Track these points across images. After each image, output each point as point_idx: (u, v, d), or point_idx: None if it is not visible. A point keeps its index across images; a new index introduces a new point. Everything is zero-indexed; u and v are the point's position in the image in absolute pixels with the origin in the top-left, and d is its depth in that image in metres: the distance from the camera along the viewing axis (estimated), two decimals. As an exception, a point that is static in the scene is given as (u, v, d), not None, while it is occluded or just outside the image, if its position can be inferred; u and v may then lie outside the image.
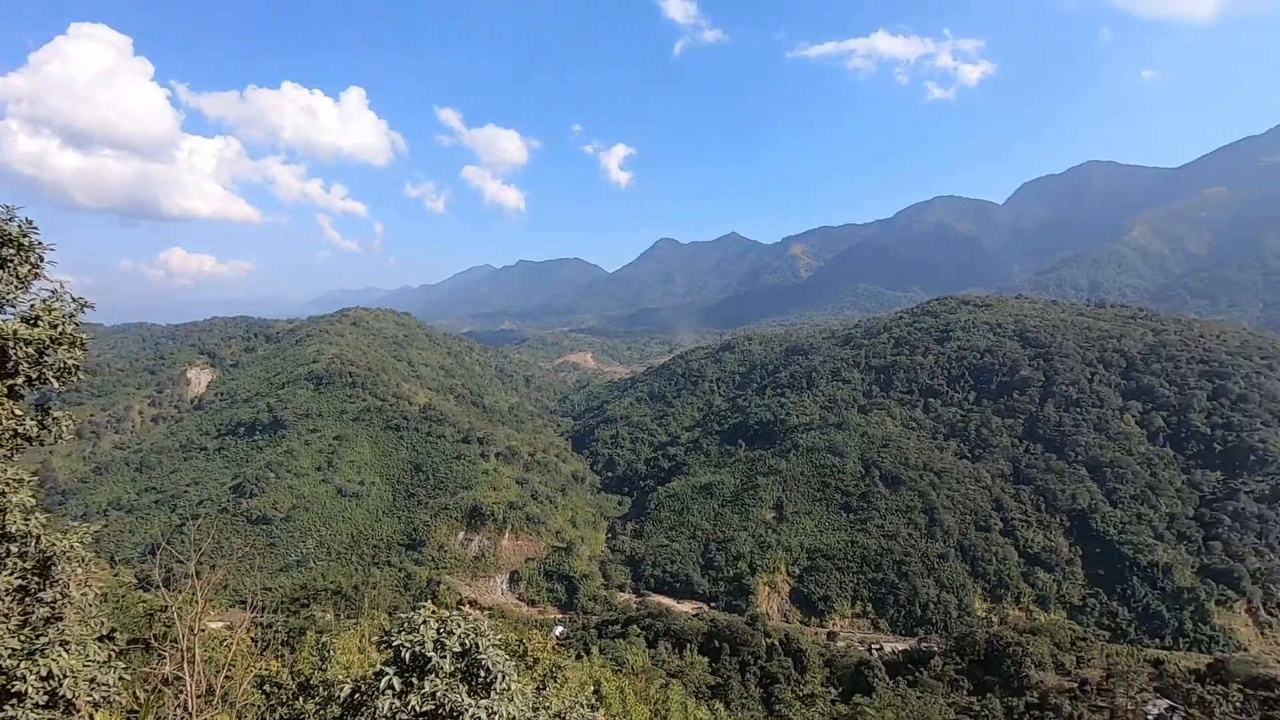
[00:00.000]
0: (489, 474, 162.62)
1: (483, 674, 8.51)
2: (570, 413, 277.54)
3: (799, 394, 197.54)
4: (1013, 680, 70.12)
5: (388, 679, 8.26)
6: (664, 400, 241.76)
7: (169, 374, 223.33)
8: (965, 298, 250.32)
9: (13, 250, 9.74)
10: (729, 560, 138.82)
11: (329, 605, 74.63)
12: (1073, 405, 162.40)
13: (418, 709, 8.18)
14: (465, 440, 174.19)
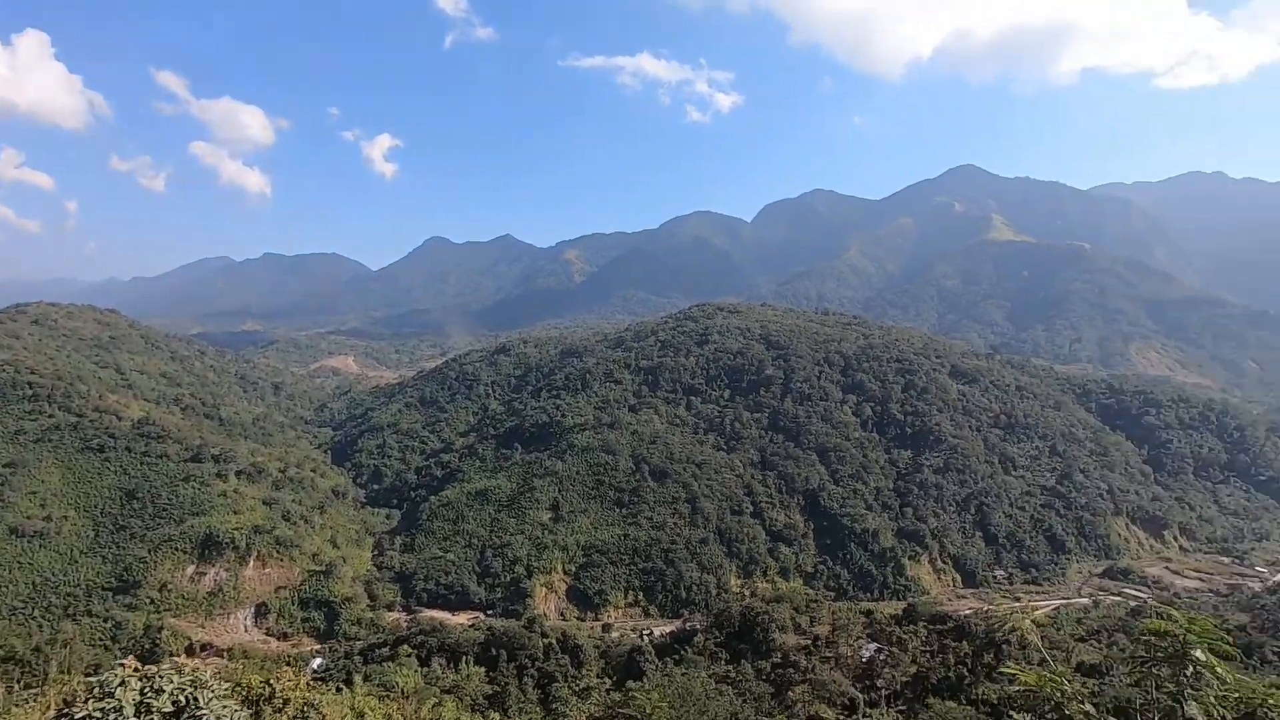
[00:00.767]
0: (228, 496, 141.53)
1: (206, 731, 7.17)
2: (329, 422, 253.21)
3: (574, 395, 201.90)
4: (761, 645, 78.83)
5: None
6: (436, 405, 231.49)
7: None
8: (721, 304, 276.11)
9: None
10: (506, 565, 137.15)
11: (-3, 676, 59.22)
12: (806, 399, 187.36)
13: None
14: (196, 459, 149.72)
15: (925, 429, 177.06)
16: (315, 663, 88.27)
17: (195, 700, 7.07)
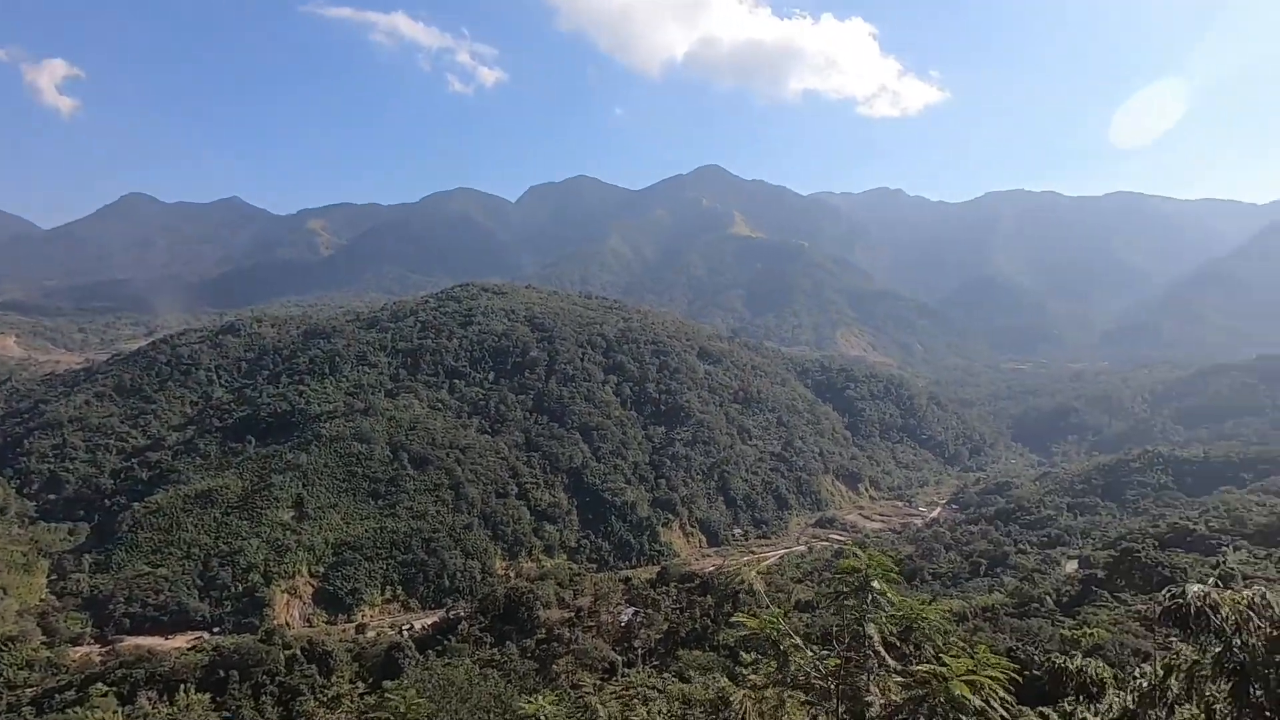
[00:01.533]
0: None
1: None
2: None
3: (321, 381, 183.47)
4: (526, 624, 79.81)
5: None
6: (141, 395, 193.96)
7: None
8: (485, 285, 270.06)
9: None
10: (238, 574, 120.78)
11: None
12: (570, 380, 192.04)
13: None
14: None
15: (677, 406, 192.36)
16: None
17: None
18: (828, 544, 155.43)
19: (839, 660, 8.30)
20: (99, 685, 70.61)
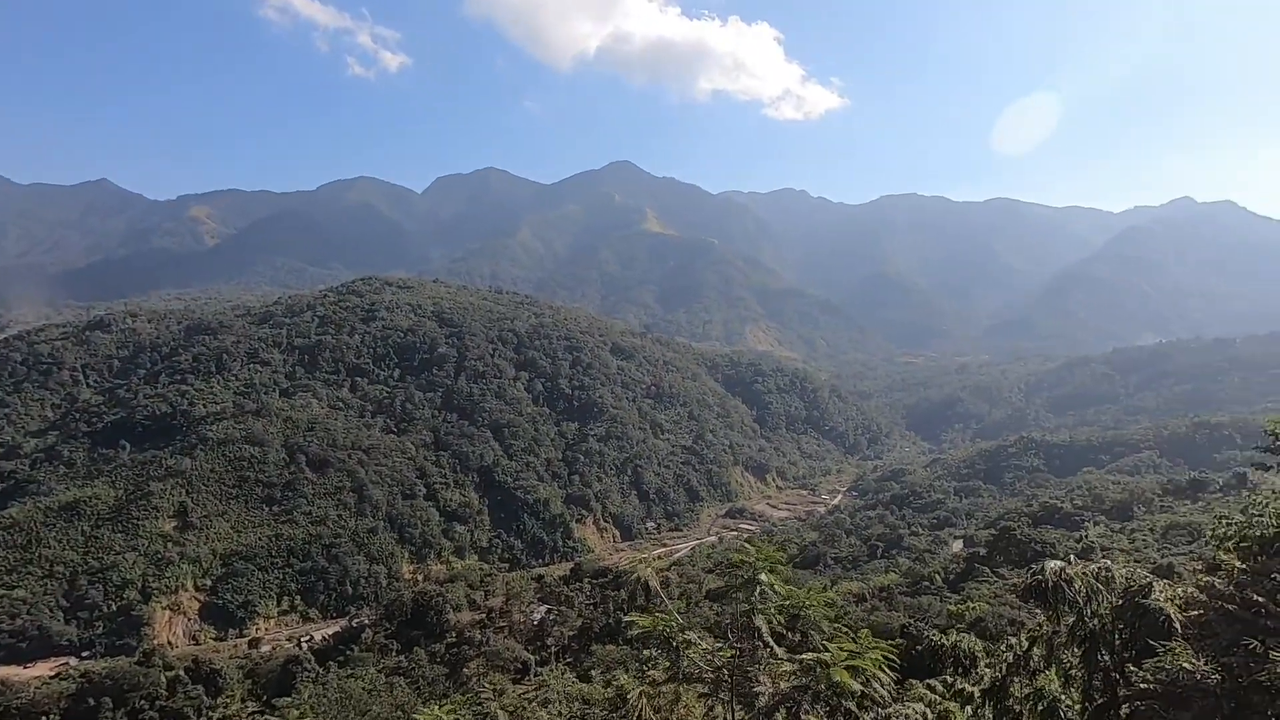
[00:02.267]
0: None
1: None
2: None
3: (206, 380, 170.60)
4: (435, 628, 77.53)
5: None
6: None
7: None
8: (389, 279, 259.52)
9: None
10: (110, 592, 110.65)
11: None
12: (480, 377, 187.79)
13: None
14: None
15: (590, 401, 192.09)
16: None
17: None
18: (737, 534, 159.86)
19: (732, 652, 8.52)
20: (-59, 725, 62.90)
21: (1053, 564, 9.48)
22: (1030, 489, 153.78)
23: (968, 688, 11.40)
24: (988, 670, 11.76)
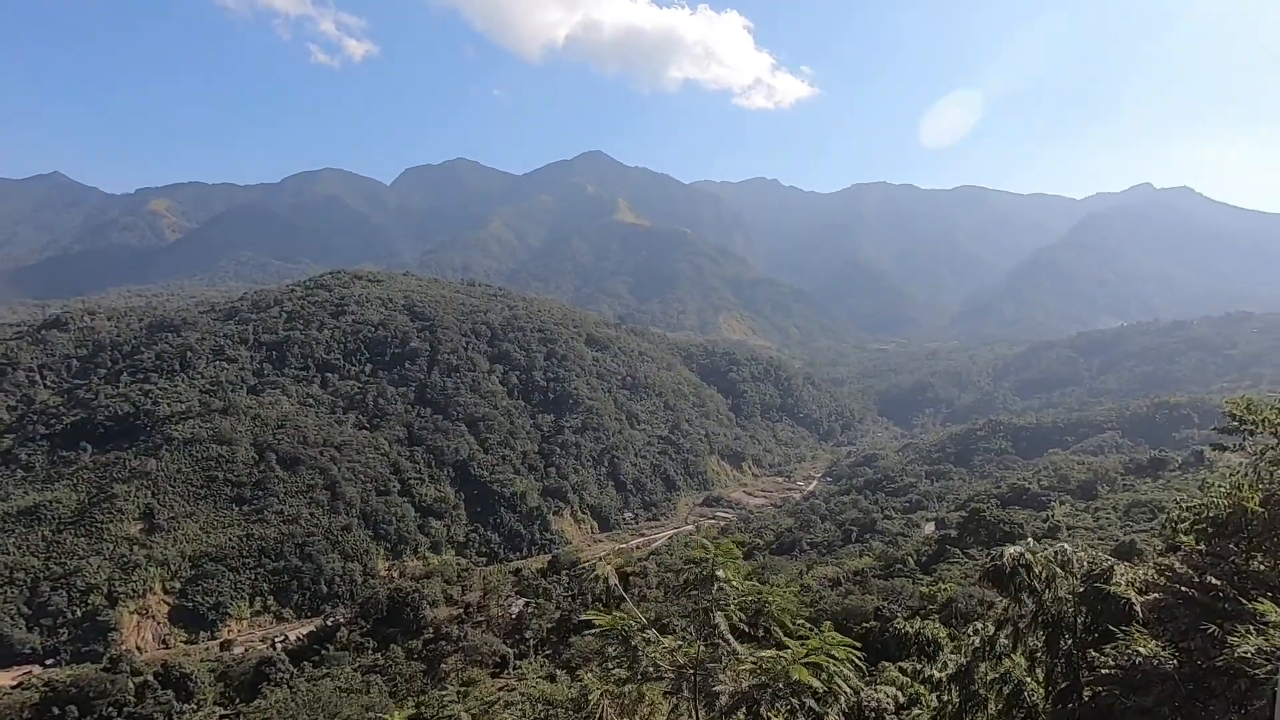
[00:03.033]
0: None
1: None
2: None
3: (171, 378, 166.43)
4: (412, 625, 76.91)
5: None
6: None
7: None
8: (359, 272, 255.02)
9: None
10: (75, 598, 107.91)
11: None
12: (454, 371, 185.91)
13: None
14: None
15: (565, 393, 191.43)
16: None
17: None
18: (714, 522, 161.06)
19: (692, 650, 8.45)
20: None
21: (1012, 549, 9.61)
22: (999, 471, 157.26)
23: (934, 673, 11.57)
24: (953, 656, 11.93)
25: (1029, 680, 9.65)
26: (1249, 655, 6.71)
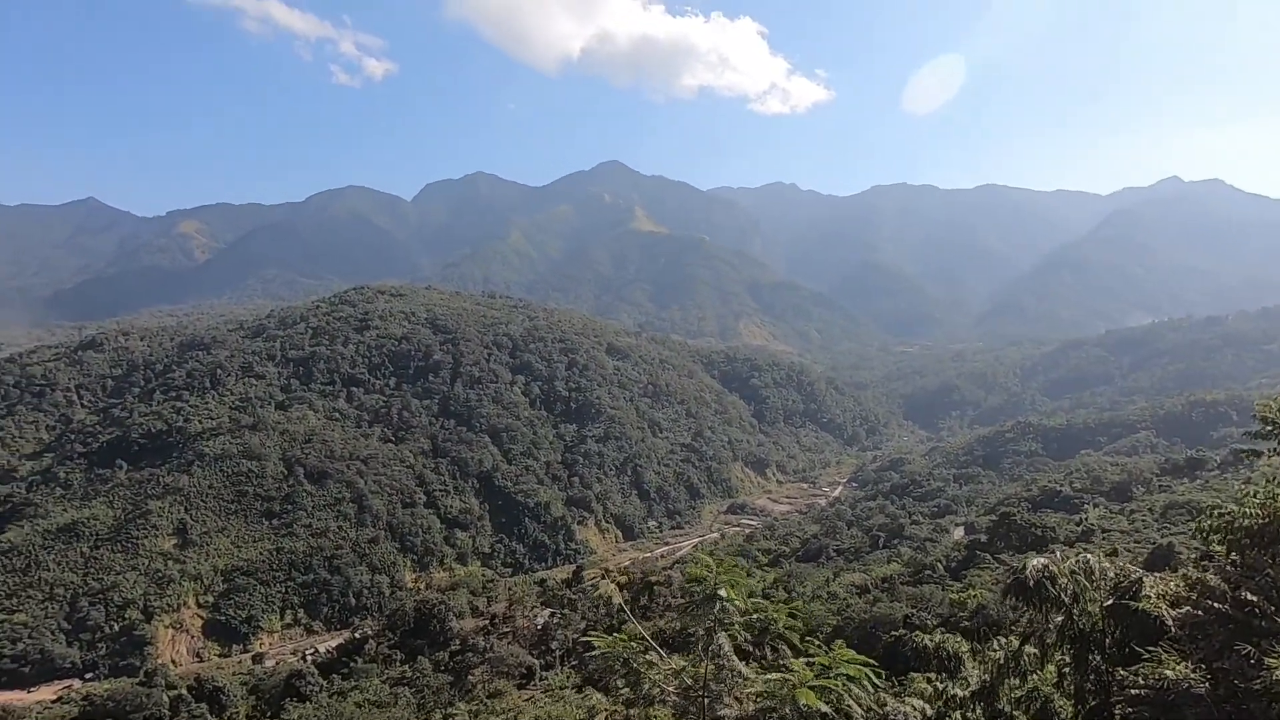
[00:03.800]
0: None
1: None
2: None
3: (201, 395, 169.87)
4: (439, 636, 77.30)
5: None
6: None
7: None
8: (381, 287, 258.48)
9: None
10: (112, 613, 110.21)
11: None
12: (476, 383, 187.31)
13: None
14: None
15: (587, 403, 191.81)
16: None
17: None
18: (739, 529, 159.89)
19: (698, 671, 8.27)
20: (-56, 754, 62.55)
21: (1036, 561, 9.30)
22: (1029, 473, 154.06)
23: (957, 692, 11.19)
24: (975, 670, 11.57)
25: (1057, 695, 9.32)
26: (1289, 679, 6.38)
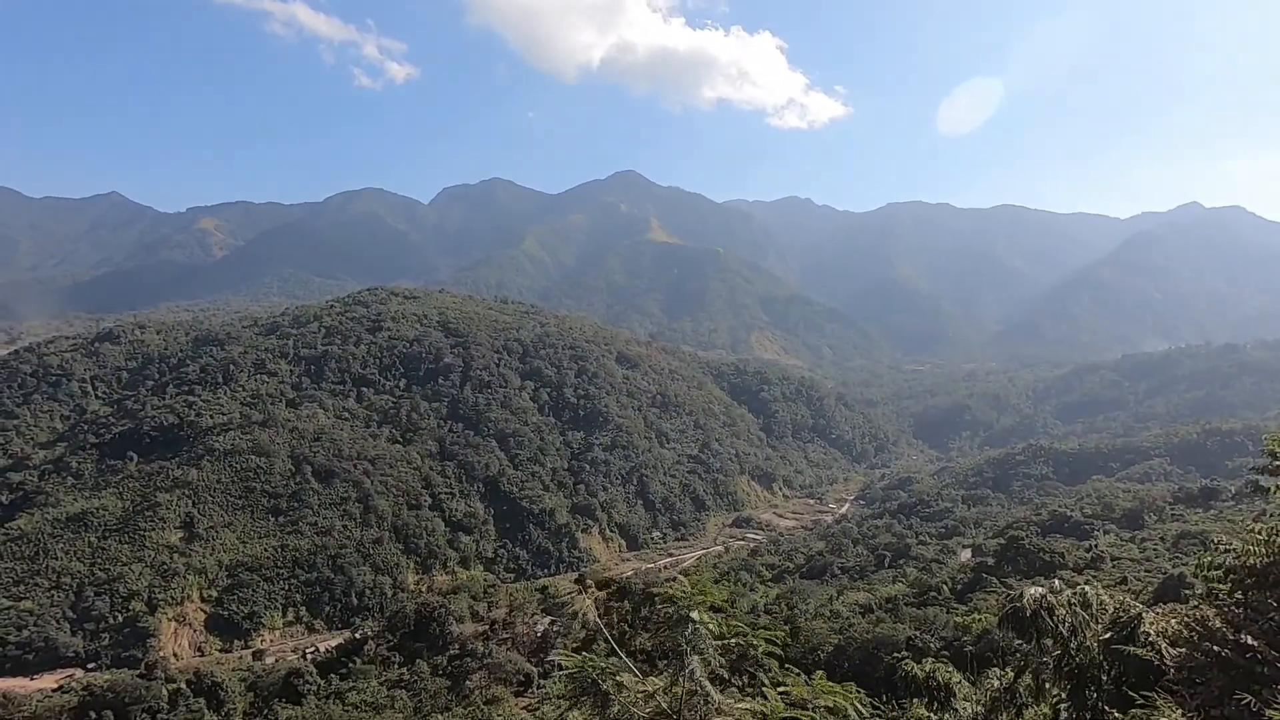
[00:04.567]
0: None
1: None
2: None
3: (214, 391, 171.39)
4: (439, 640, 77.13)
5: None
6: (1, 410, 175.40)
7: None
8: (395, 289, 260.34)
9: None
10: (117, 603, 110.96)
11: None
12: (485, 387, 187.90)
13: None
14: None
15: (595, 410, 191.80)
16: None
17: None
18: (744, 543, 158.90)
19: (673, 695, 8.09)
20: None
21: (1033, 590, 9.11)
22: (1039, 497, 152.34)
23: (952, 722, 11.01)
24: (966, 705, 11.36)
25: (1055, 733, 9.09)
26: (1290, 732, 6.17)
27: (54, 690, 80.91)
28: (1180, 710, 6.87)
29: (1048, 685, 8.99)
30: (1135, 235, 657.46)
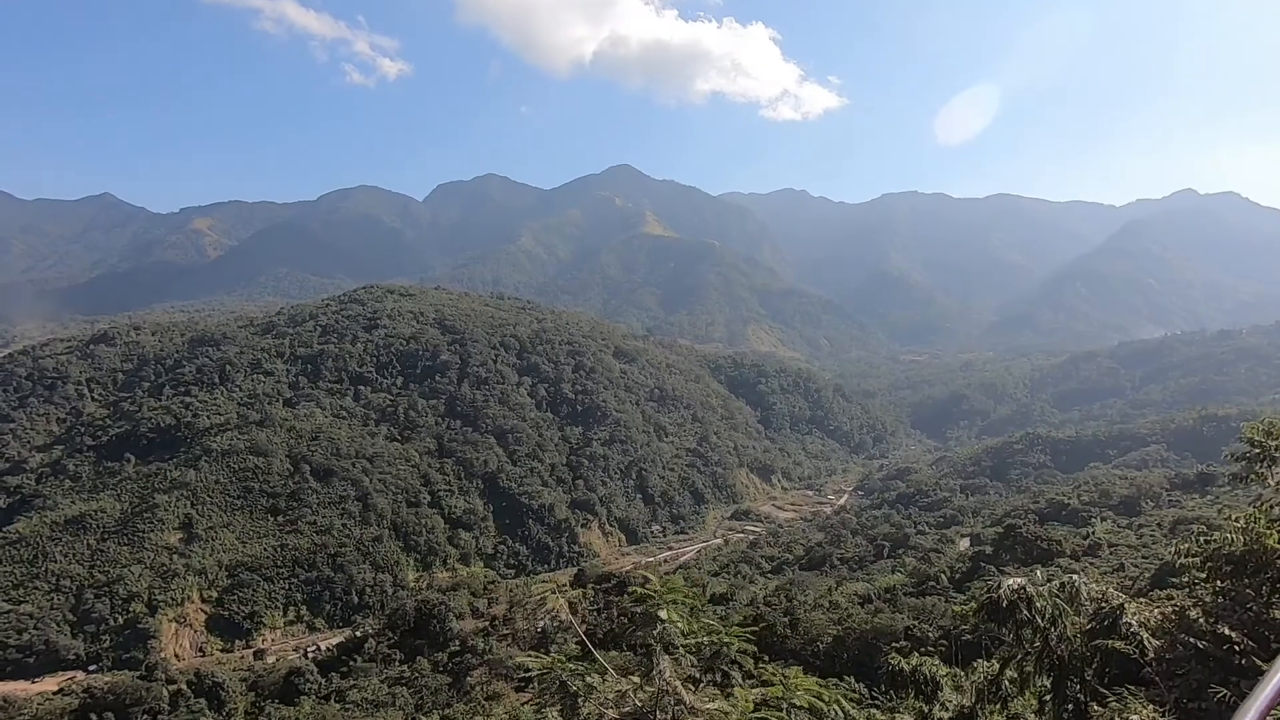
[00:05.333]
0: None
1: None
2: None
3: (210, 391, 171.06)
4: (439, 637, 77.34)
5: None
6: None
7: None
8: (391, 286, 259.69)
9: None
10: (117, 605, 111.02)
11: None
12: (483, 383, 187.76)
13: None
14: None
15: (593, 405, 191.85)
16: None
17: None
18: (743, 536, 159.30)
19: (646, 695, 8.06)
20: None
21: (1011, 581, 9.08)
22: (1037, 485, 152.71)
23: (941, 716, 10.94)
24: (954, 698, 11.38)
25: (1038, 723, 9.08)
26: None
27: (55, 693, 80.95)
28: (1153, 705, 6.85)
29: (1031, 678, 8.99)
30: (1130, 223, 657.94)
